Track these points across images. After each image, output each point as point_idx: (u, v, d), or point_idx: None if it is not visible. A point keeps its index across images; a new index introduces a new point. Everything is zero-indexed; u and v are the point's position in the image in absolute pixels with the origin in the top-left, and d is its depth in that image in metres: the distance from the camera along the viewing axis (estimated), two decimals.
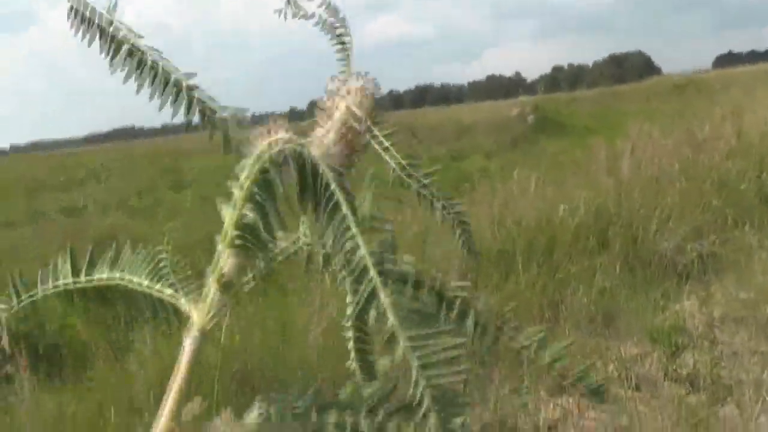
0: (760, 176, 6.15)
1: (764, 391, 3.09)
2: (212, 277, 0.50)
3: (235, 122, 0.49)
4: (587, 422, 3.12)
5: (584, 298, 4.16)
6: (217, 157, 0.77)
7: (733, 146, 7.20)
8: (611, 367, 3.44)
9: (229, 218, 0.48)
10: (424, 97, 72.58)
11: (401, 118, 19.07)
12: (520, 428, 3.06)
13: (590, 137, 10.51)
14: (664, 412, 2.97)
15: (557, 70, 78.32)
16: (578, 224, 5.04)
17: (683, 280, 4.61)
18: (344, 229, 0.44)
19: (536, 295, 4.22)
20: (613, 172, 6.26)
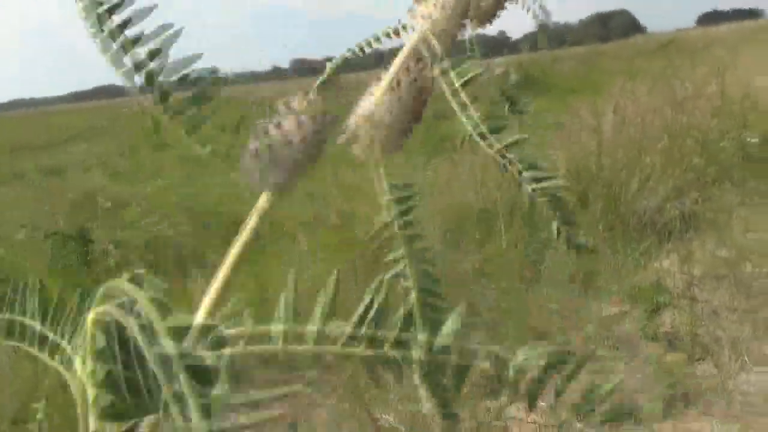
0: (741, 134, 6.14)
1: (742, 349, 3.10)
2: None
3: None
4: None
5: (565, 257, 4.14)
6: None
7: (715, 105, 7.17)
8: (590, 327, 3.44)
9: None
10: None
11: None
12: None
13: (573, 96, 10.43)
14: (642, 371, 2.98)
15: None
16: None
17: (664, 238, 4.61)
18: None
19: (518, 254, 4.20)
20: (594, 131, 6.21)
